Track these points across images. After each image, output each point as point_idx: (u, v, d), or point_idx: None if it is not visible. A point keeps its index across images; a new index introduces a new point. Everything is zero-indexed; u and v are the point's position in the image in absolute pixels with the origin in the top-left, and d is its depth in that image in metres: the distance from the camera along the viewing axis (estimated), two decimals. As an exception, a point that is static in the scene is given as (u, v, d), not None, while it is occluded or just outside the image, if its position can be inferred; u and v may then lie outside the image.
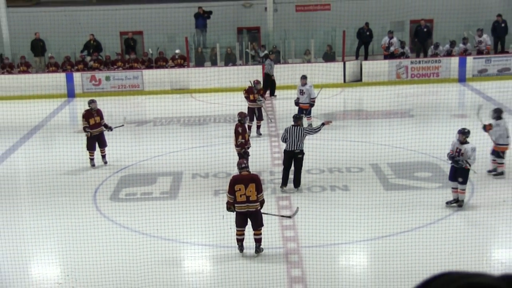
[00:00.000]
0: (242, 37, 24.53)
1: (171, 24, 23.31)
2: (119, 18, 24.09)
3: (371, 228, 10.18)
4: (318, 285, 8.66)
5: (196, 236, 10.39)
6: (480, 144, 11.65)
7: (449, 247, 9.50)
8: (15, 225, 11.26)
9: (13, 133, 17.11)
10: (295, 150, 11.96)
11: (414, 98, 20.06)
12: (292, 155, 12.01)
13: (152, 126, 18.17)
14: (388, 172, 13.14)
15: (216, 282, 9.06)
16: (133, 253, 9.69)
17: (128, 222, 11.07)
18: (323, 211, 10.97)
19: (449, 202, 10.96)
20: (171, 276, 9.18)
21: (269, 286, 8.63)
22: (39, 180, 13.42)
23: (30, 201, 12.81)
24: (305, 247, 9.83)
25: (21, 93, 21.24)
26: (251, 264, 9.38)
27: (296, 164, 12.10)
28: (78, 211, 11.61)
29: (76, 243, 10.34)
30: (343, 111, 18.75)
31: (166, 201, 12.00)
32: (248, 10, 25.07)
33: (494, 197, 11.32)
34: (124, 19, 24.06)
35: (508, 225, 10.43)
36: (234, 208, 9.50)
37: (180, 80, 22.18)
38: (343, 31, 22.52)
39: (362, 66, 22.36)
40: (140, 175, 13.49)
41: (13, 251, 10.10)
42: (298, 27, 24.04)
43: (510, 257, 9.89)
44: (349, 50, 23.23)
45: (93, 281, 8.94)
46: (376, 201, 11.45)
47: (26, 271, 9.73)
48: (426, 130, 16.14)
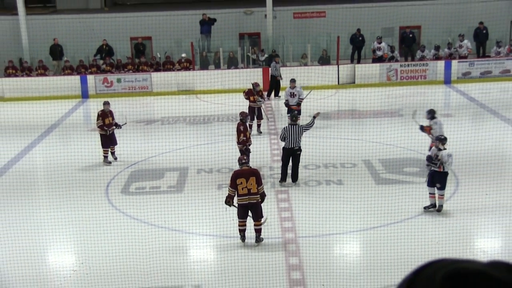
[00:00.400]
0: (244, 42, 24.51)
1: (177, 30, 23.29)
2: (129, 25, 24.08)
3: (364, 219, 10.17)
4: (315, 272, 8.64)
5: (201, 227, 10.38)
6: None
7: (436, 237, 9.49)
8: (33, 217, 11.27)
9: (32, 131, 17.09)
10: (294, 147, 11.95)
11: (403, 99, 20.04)
12: (291, 152, 12.00)
13: (160, 124, 18.15)
14: (379, 168, 13.13)
15: (220, 269, 9.05)
16: (142, 242, 9.68)
17: (137, 214, 11.06)
18: (319, 204, 10.97)
19: (427, 207, 10.49)
20: (178, 264, 9.18)
21: (268, 273, 8.61)
22: (56, 174, 13.41)
23: (48, 194, 12.80)
24: (302, 237, 9.82)
25: (39, 94, 21.22)
26: (252, 253, 9.38)
27: (294, 160, 12.10)
28: (91, 204, 11.62)
29: (89, 233, 10.34)
30: (338, 111, 18.73)
31: (173, 195, 11.99)
32: (249, 17, 25.04)
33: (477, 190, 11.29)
34: (134, 26, 24.06)
35: (491, 216, 10.41)
36: (232, 202, 9.53)
37: (186, 82, 22.16)
38: (337, 37, 22.50)
39: (355, 69, 22.33)
40: (149, 170, 13.47)
41: (32, 240, 10.10)
42: (295, 32, 24.02)
43: (493, 246, 9.87)
44: (343, 54, 23.20)
45: (106, 268, 8.93)
46: (368, 194, 11.44)
47: (44, 259, 9.74)
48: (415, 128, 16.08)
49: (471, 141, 14.29)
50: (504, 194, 11.07)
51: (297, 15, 24.83)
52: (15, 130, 17.86)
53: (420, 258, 1.12)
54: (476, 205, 10.61)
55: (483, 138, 14.90)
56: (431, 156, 10.28)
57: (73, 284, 8.76)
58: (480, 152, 13.98)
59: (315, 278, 8.50)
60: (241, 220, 9.55)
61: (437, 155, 10.15)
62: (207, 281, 8.64)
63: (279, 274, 8.63)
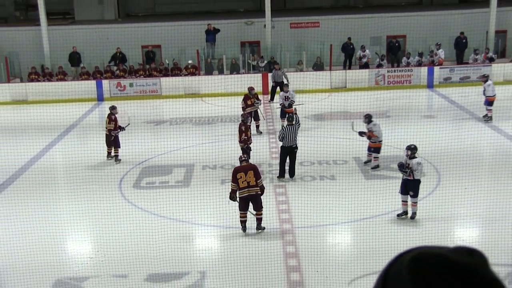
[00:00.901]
0: (245, 50, 24.48)
1: (184, 39, 23.26)
2: (140, 34, 24.07)
3: (354, 211, 10.15)
4: (310, 260, 8.63)
5: (205, 218, 10.36)
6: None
7: (419, 226, 9.47)
8: (54, 208, 11.26)
9: (52, 131, 17.07)
10: (292, 146, 11.94)
11: (390, 102, 20.01)
12: (289, 150, 11.99)
13: (168, 125, 18.12)
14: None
15: (222, 256, 9.04)
16: (152, 232, 9.67)
17: (148, 207, 11.05)
18: (313, 197, 10.96)
19: (400, 215, 9.89)
20: (185, 252, 9.16)
21: (267, 260, 8.59)
22: (74, 170, 13.41)
23: (66, 188, 12.80)
24: (298, 227, 9.80)
25: (59, 97, 21.19)
26: (252, 242, 9.36)
27: (291, 157, 12.09)
28: (106, 197, 11.61)
29: (104, 224, 10.32)
30: (330, 113, 18.69)
31: (180, 189, 11.97)
32: (249, 27, 25.00)
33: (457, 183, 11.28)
34: (145, 35, 24.04)
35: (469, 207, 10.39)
36: (236, 196, 9.56)
37: (192, 86, 22.13)
38: (330, 45, 22.47)
39: (346, 75, 22.29)
40: (158, 166, 13.45)
41: (53, 230, 10.09)
42: (292, 41, 23.99)
43: (470, 234, 9.84)
44: (335, 61, 23.16)
45: (119, 256, 8.93)
46: (358, 188, 11.41)
47: (63, 247, 9.73)
48: (400, 128, 16.09)
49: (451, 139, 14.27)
50: (481, 187, 11.08)
51: (293, 25, 24.80)
52: (37, 130, 17.84)
53: (405, 246, 1.11)
54: (455, 197, 10.58)
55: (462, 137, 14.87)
56: (403, 164, 9.80)
57: (90, 269, 8.74)
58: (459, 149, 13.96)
59: (310, 265, 8.49)
60: (242, 212, 9.57)
61: (408, 164, 9.70)
62: (211, 268, 8.63)
63: (277, 261, 8.61)
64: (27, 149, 15.07)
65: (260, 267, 8.39)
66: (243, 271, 8.32)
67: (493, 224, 9.72)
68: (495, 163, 13.09)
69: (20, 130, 17.96)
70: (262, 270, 8.30)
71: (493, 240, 9.01)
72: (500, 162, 12.79)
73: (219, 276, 8.30)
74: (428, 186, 11.50)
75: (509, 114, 17.54)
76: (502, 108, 18.55)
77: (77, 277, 8.44)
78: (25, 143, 15.65)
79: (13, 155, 14.20)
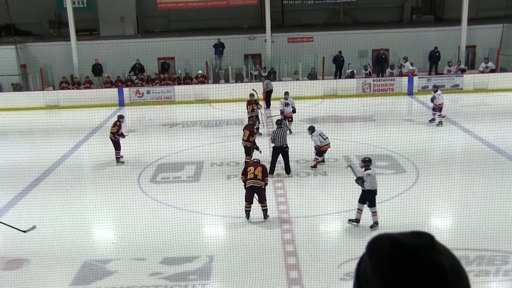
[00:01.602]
0: (248, 61, 24.45)
1: (195, 52, 23.24)
2: (157, 48, 24.04)
3: (344, 203, 10.12)
4: (305, 245, 8.61)
5: (213, 208, 10.34)
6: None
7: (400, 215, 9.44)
8: (81, 200, 11.26)
9: (79, 132, 17.07)
10: (282, 146, 11.90)
11: (375, 107, 19.96)
12: (281, 150, 11.94)
13: (181, 127, 18.10)
14: (356, 162, 13.05)
15: (228, 242, 9.04)
16: (167, 221, 9.65)
17: (163, 199, 11.04)
18: (308, 191, 10.94)
19: (351, 220, 9.28)
20: (195, 238, 9.15)
21: (267, 246, 8.60)
22: (98, 167, 13.42)
23: (92, 183, 12.80)
24: (294, 217, 9.78)
25: (86, 103, 21.18)
26: (254, 229, 9.35)
27: (284, 156, 12.00)
28: (126, 190, 11.60)
29: (125, 214, 10.32)
30: (323, 117, 18.63)
31: (191, 183, 11.96)
32: (252, 41, 24.98)
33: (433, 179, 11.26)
34: (160, 48, 24.01)
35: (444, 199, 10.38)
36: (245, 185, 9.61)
37: (202, 93, 22.11)
38: (322, 57, 22.44)
39: (337, 83, 22.24)
40: (172, 163, 13.44)
41: (80, 218, 10.09)
42: (289, 54, 23.94)
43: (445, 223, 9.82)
44: (327, 71, 23.09)
45: (138, 241, 8.93)
46: (347, 183, 11.32)
47: (89, 234, 9.73)
48: (384, 130, 16.07)
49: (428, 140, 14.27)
50: (453, 183, 11.05)
51: (291, 40, 24.76)
52: (67, 131, 17.85)
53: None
54: (432, 190, 10.57)
55: (438, 138, 14.90)
56: (360, 177, 9.10)
57: (113, 253, 8.74)
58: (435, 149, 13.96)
59: (305, 250, 8.47)
60: (247, 203, 9.57)
61: (361, 175, 9.15)
62: (218, 252, 8.61)
63: (276, 246, 8.61)
64: (58, 148, 15.09)
65: (261, 251, 8.39)
66: (246, 255, 8.31)
67: (465, 214, 9.70)
68: (466, 160, 13.06)
69: (53, 132, 17.96)
70: (263, 254, 8.30)
71: (464, 227, 8.98)
72: (470, 159, 12.76)
73: (226, 259, 8.29)
74: (408, 181, 11.49)
75: (478, 117, 17.49)
76: (472, 112, 18.53)
77: (102, 259, 8.44)
78: (57, 143, 15.69)
79: (47, 153, 14.22)
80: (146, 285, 7.59)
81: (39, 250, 8.70)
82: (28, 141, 17.07)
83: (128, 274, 7.87)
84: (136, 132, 16.73)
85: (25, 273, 8.14)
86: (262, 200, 9.59)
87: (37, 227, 8.90)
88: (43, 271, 8.08)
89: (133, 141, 14.61)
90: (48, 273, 8.04)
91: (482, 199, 10.11)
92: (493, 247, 8.28)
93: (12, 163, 13.81)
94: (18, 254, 8.65)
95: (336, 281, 7.46)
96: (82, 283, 7.74)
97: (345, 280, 7.43)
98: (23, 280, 7.89)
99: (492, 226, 8.86)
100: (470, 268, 7.65)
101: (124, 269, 8.07)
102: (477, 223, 8.94)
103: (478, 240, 8.46)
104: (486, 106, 18.97)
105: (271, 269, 7.81)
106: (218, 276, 7.88)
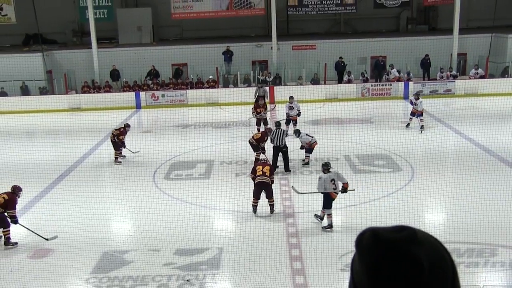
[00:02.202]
0: (255, 67, 24.42)
1: (206, 58, 23.26)
2: (171, 55, 24.07)
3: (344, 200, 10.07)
4: (307, 238, 8.59)
5: (223, 204, 10.35)
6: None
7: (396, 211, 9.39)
8: (101, 196, 11.29)
9: (99, 133, 17.12)
10: (280, 145, 11.87)
11: (373, 110, 19.87)
12: (279, 149, 11.91)
13: (193, 128, 18.12)
14: (355, 161, 13.02)
15: (237, 235, 9.02)
16: (179, 215, 9.67)
17: (176, 194, 11.05)
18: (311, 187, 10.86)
19: (316, 216, 9.14)
20: (205, 231, 9.15)
21: (273, 239, 8.58)
22: (117, 165, 13.43)
23: (111, 180, 12.84)
24: (298, 212, 9.76)
25: (105, 105, 21.26)
26: (261, 223, 9.33)
27: (283, 155, 11.98)
28: (142, 187, 11.61)
29: (141, 208, 10.34)
30: (325, 119, 18.58)
31: (202, 180, 11.96)
32: (259, 49, 24.95)
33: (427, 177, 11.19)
34: (174, 55, 24.04)
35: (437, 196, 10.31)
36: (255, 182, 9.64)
37: (212, 97, 22.11)
38: (325, 64, 22.39)
39: (338, 88, 22.16)
40: (184, 162, 13.45)
41: (100, 212, 10.13)
42: (293, 60, 23.89)
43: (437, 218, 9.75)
44: (329, 76, 23.03)
45: (153, 234, 8.95)
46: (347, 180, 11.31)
47: (108, 226, 9.76)
48: (381, 132, 15.99)
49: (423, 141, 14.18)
50: (446, 180, 10.98)
51: (295, 47, 24.71)
52: (89, 132, 17.92)
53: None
54: (426, 187, 10.51)
55: (431, 138, 14.80)
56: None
57: (130, 244, 8.76)
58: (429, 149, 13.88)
59: (308, 242, 8.45)
60: (255, 199, 9.57)
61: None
62: (227, 244, 8.60)
63: (281, 239, 8.59)
64: (80, 147, 15.17)
65: (267, 244, 8.37)
66: (253, 247, 8.30)
67: (456, 209, 9.63)
68: (458, 160, 12.98)
69: (75, 132, 18.05)
70: (268, 246, 8.28)
71: (456, 222, 8.92)
72: (461, 159, 12.68)
73: (234, 251, 8.28)
74: (404, 179, 11.43)
75: (468, 120, 17.37)
76: (463, 115, 18.39)
77: (120, 250, 8.46)
78: (79, 143, 15.77)
79: (70, 151, 14.29)
80: (160, 274, 7.59)
81: (62, 241, 8.74)
82: (53, 140, 17.15)
83: (144, 264, 7.89)
84: (151, 132, 16.76)
85: (50, 262, 8.18)
86: (269, 196, 9.59)
87: (62, 219, 8.94)
88: (66, 260, 8.13)
89: (149, 141, 14.64)
90: (71, 262, 8.08)
91: (472, 196, 10.04)
92: (482, 240, 8.21)
93: (39, 160, 13.89)
94: (44, 244, 8.69)
95: (337, 271, 7.43)
96: (101, 272, 7.76)
97: (345, 271, 7.40)
98: (48, 268, 7.93)
99: (481, 221, 8.79)
100: (461, 260, 7.60)
101: (140, 259, 8.08)
102: (467, 218, 8.87)
103: (469, 234, 8.39)
104: (476, 110, 18.82)
105: (276, 260, 7.80)
106: (227, 266, 7.87)
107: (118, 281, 7.48)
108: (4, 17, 24.00)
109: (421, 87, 21.74)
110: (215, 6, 24.06)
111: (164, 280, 7.44)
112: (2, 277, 7.77)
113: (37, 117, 19.70)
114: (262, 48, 24.79)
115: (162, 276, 7.53)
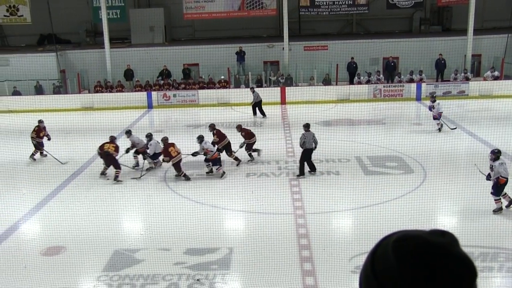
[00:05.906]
0: (267, 68, 24.42)
1: (218, 59, 23.31)
2: (183, 55, 24.18)
3: (355, 201, 10.04)
4: (318, 240, 8.55)
5: (233, 204, 10.35)
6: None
7: (409, 214, 9.32)
8: (112, 194, 11.35)
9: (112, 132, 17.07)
10: (312, 148, 11.70)
11: (385, 111, 19.74)
12: (311, 152, 11.68)
13: (204, 128, 18.09)
14: (367, 162, 12.94)
15: (247, 235, 9.01)
16: (190, 214, 9.69)
17: (187, 194, 11.08)
18: (322, 188, 10.85)
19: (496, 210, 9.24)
20: (216, 231, 9.16)
21: (283, 239, 8.55)
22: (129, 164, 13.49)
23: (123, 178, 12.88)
24: (309, 213, 9.72)
25: (118, 105, 21.42)
26: (271, 224, 9.30)
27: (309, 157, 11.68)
28: (154, 186, 11.68)
29: (153, 207, 10.39)
30: (336, 120, 18.51)
31: (213, 180, 11.98)
32: (271, 49, 24.94)
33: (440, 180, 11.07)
34: (186, 55, 24.15)
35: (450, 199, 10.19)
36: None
37: (224, 97, 22.15)
38: (336, 64, 22.29)
39: (350, 88, 22.07)
40: (195, 161, 13.46)
41: (112, 211, 10.19)
42: (305, 61, 23.84)
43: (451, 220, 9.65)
44: (341, 77, 22.94)
45: (163, 233, 8.97)
46: (358, 182, 11.28)
47: (120, 225, 9.82)
48: (394, 133, 15.88)
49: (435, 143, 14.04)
50: (459, 183, 10.86)
51: (307, 48, 24.65)
52: (101, 131, 17.98)
53: (396, 229, 1.09)
54: (438, 190, 10.40)
55: (444, 140, 14.64)
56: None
57: (141, 243, 8.80)
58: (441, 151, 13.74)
59: (318, 244, 8.41)
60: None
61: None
62: (237, 244, 8.60)
63: (291, 240, 8.55)
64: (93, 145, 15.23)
65: (278, 244, 8.35)
66: (264, 248, 8.28)
67: (469, 212, 9.51)
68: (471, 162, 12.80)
69: (88, 131, 18.20)
70: (279, 247, 8.26)
71: (469, 225, 8.81)
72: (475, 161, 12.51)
73: (244, 251, 8.27)
74: (416, 181, 11.33)
75: (482, 122, 17.16)
76: (477, 117, 18.18)
77: (131, 249, 8.51)
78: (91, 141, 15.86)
79: (83, 150, 14.40)
80: (170, 273, 7.62)
81: (75, 239, 8.82)
82: (66, 138, 17.31)
83: (154, 263, 7.92)
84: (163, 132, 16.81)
85: (62, 259, 8.25)
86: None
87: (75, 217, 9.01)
88: (79, 258, 8.19)
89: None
90: (83, 260, 8.14)
91: (485, 199, 9.90)
92: (497, 244, 8.11)
93: (52, 158, 14.02)
94: (57, 241, 8.78)
95: (347, 273, 7.39)
96: (113, 270, 7.80)
97: (355, 273, 7.34)
98: (61, 265, 8.00)
99: (495, 224, 8.68)
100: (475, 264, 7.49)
101: (151, 258, 8.12)
102: (481, 222, 8.76)
103: (482, 237, 8.29)
104: (491, 111, 18.60)
105: (286, 261, 7.78)
106: (237, 267, 7.86)
107: (129, 279, 7.52)
108: (20, 18, 24.32)
109: (434, 88, 21.55)
110: (227, 6, 24.11)
111: (174, 279, 7.46)
112: (16, 273, 7.86)
113: (51, 116, 19.86)
114: (273, 49, 24.77)
115: (173, 275, 7.56)
